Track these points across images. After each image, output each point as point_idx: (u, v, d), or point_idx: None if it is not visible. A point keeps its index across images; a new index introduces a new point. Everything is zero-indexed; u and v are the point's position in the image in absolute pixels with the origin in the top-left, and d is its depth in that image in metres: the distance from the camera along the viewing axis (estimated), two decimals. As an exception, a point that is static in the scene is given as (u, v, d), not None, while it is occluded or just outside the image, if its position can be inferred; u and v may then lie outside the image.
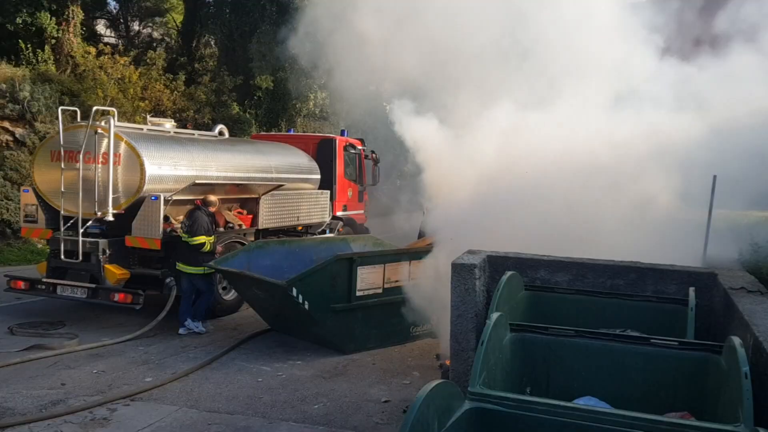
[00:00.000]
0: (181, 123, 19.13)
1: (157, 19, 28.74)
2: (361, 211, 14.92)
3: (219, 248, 9.24)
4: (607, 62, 8.08)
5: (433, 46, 8.79)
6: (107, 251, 9.12)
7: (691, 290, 4.71)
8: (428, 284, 7.18)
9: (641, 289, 5.08)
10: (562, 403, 3.21)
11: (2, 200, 14.91)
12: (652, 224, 6.46)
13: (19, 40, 19.06)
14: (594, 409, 3.19)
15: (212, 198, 9.28)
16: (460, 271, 5.08)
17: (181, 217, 9.64)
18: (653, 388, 3.88)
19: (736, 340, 3.33)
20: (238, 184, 10.63)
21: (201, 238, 8.72)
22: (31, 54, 18.96)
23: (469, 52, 8.53)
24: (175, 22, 28.46)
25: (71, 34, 20.25)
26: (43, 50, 19.32)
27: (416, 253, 8.75)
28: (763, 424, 2.80)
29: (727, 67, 7.35)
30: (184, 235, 8.83)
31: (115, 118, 9.22)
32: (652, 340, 3.89)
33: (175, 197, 9.21)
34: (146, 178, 9.02)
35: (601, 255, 5.40)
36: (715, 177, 5.92)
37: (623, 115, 7.43)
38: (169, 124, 10.98)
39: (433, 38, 8.75)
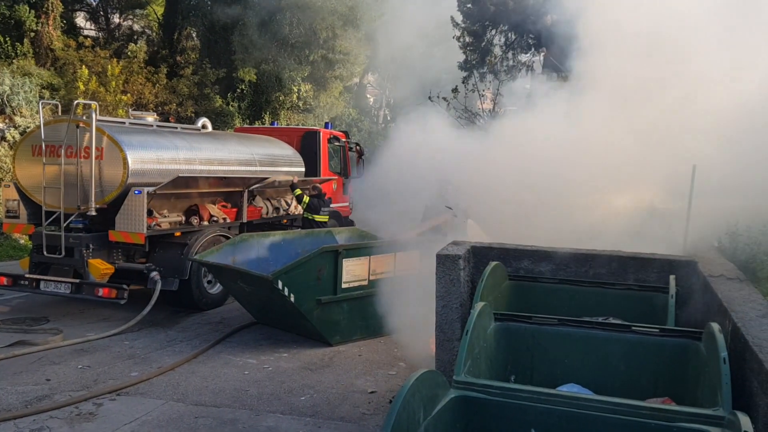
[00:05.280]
0: (164, 116, 19.00)
1: (138, 11, 28.37)
2: (346, 204, 14.92)
3: None
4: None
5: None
6: (90, 246, 9.05)
7: (672, 278, 4.79)
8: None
9: (623, 277, 5.15)
10: (545, 390, 3.27)
11: (-18, 196, 14.71)
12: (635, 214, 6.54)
13: (-3, 33, 18.82)
14: (577, 396, 3.24)
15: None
16: (444, 261, 5.12)
17: (164, 211, 9.62)
18: (635, 375, 3.94)
19: (715, 327, 3.40)
20: (222, 178, 10.60)
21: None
22: (10, 47, 18.71)
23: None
24: (155, 14, 28.14)
25: (51, 27, 20.01)
26: (22, 43, 19.08)
27: (401, 245, 8.81)
28: (740, 408, 2.87)
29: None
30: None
31: (97, 112, 9.13)
32: (633, 328, 3.95)
33: (158, 191, 9.16)
34: (129, 172, 8.95)
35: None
36: (695, 167, 6.00)
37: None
38: (151, 118, 10.93)
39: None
